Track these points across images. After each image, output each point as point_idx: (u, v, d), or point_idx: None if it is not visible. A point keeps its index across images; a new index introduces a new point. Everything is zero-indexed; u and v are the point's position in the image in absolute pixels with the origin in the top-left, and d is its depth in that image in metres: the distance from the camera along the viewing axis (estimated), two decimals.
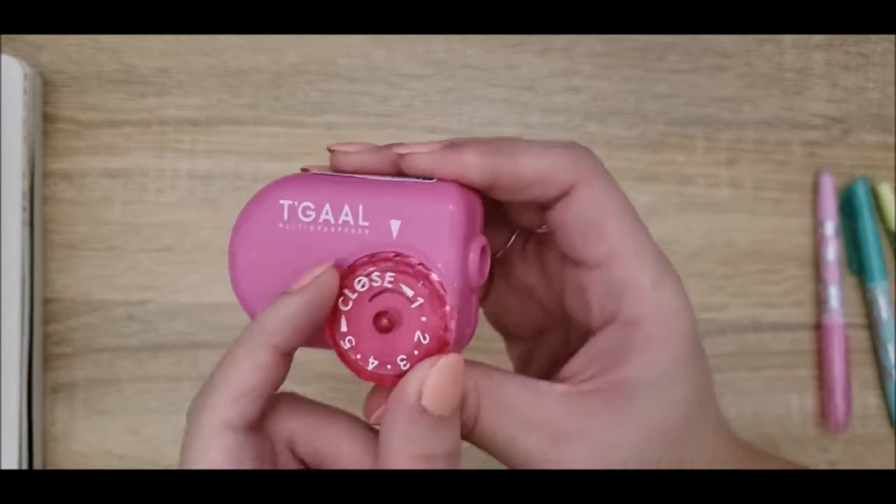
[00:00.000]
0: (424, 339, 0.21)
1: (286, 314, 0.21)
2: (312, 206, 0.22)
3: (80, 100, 0.40)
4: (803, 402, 0.41)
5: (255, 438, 0.21)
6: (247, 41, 0.41)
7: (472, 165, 0.22)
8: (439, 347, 0.21)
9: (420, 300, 0.21)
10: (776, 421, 0.41)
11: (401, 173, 0.23)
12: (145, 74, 0.40)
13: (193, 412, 0.21)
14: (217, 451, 0.21)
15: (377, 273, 0.21)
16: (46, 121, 0.40)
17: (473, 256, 0.22)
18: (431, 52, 0.41)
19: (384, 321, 0.21)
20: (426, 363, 0.21)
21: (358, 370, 0.22)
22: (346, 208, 0.22)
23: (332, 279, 0.21)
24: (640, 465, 0.21)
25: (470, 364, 0.22)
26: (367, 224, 0.22)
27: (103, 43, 0.41)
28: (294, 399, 0.24)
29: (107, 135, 0.40)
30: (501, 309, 0.28)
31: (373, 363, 0.22)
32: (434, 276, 0.21)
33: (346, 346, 0.22)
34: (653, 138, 0.42)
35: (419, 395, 0.20)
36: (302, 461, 0.23)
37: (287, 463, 0.23)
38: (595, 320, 0.23)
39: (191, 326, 0.40)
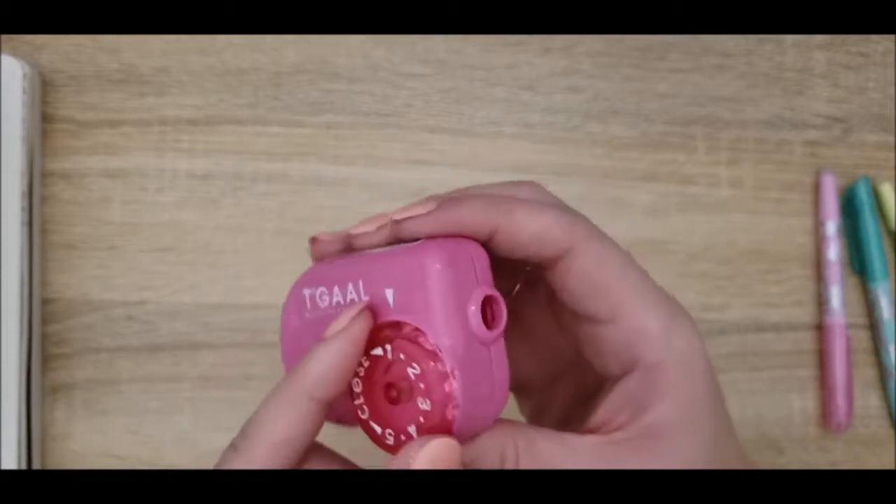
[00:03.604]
0: (425, 403, 0.21)
1: (327, 363, 0.21)
2: (326, 291, 0.23)
3: (80, 99, 0.40)
4: (805, 402, 0.41)
5: None
6: (246, 41, 0.41)
7: (472, 221, 0.22)
8: (441, 412, 0.21)
9: (416, 367, 0.21)
10: (778, 421, 0.41)
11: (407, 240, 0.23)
12: (145, 74, 0.40)
13: (226, 463, 0.21)
14: None
15: (379, 346, 0.21)
16: (45, 120, 0.40)
17: (474, 310, 0.21)
18: (431, 52, 0.41)
19: (393, 392, 0.21)
20: (416, 443, 0.20)
21: (378, 441, 0.22)
22: (350, 286, 0.22)
23: (366, 320, 0.21)
24: None
25: (504, 422, 0.22)
26: (368, 298, 0.22)
27: (103, 43, 0.40)
28: (329, 455, 0.23)
29: (106, 135, 0.40)
30: (511, 358, 0.27)
31: (389, 436, 0.21)
32: (426, 340, 0.21)
33: (364, 416, 0.22)
34: (653, 138, 0.42)
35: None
36: None
37: None
38: (614, 370, 0.23)
39: (190, 326, 0.40)
